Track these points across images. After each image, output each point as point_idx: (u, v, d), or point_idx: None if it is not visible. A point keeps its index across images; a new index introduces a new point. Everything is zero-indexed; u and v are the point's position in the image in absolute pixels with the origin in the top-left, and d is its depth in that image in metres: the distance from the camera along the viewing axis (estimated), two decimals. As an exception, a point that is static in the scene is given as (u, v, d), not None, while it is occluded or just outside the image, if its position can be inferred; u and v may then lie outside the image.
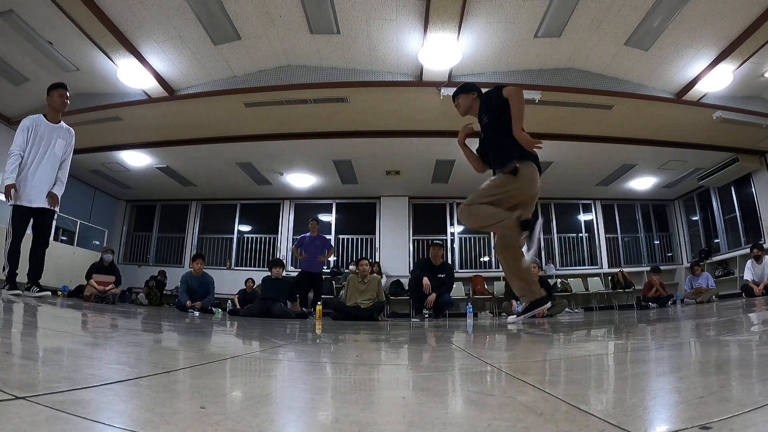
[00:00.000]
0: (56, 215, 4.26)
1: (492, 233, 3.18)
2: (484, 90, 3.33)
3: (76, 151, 4.34)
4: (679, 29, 5.12)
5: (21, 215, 3.84)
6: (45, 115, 4.02)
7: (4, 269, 3.87)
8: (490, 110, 3.11)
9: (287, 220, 10.62)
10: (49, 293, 4.01)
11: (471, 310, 6.51)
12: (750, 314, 3.30)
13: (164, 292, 8.99)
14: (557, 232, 10.69)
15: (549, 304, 3.25)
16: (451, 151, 8.05)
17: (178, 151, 8.01)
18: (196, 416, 0.59)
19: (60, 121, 4.08)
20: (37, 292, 3.90)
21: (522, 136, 2.85)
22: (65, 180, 4.11)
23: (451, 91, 5.89)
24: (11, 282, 3.83)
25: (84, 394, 0.67)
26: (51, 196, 3.95)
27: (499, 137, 3.05)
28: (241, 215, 10.90)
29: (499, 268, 10.06)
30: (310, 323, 4.51)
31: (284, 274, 6.96)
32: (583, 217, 10.92)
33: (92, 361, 1.07)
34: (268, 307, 5.91)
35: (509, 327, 3.16)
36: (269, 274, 6.64)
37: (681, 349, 1.54)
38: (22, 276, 3.94)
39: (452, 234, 10.59)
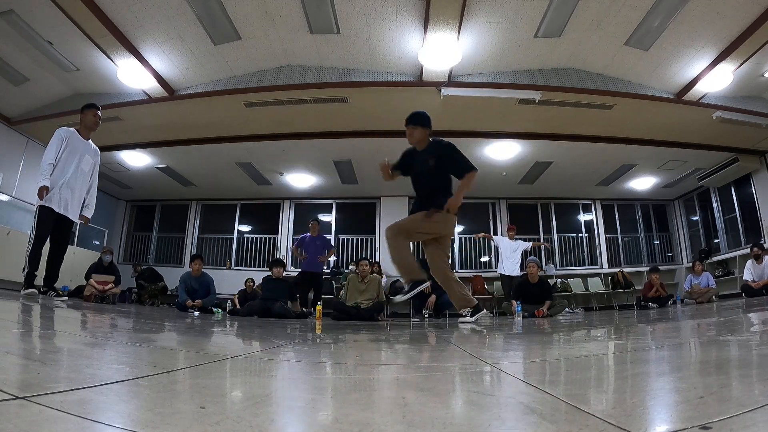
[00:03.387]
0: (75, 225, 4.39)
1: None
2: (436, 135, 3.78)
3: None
4: (679, 29, 5.12)
5: (48, 218, 3.91)
6: (77, 131, 4.18)
7: (24, 270, 3.92)
8: (440, 160, 3.49)
9: (287, 220, 10.62)
10: (35, 291, 3.97)
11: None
12: (750, 314, 3.30)
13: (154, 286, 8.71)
14: (557, 232, 10.69)
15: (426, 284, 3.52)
16: (451, 151, 8.05)
17: (178, 151, 8.01)
18: (196, 416, 0.59)
19: (89, 140, 4.26)
20: (54, 296, 4.03)
21: (459, 201, 3.36)
22: (94, 204, 4.35)
23: (451, 91, 5.95)
24: (29, 282, 3.89)
25: (84, 394, 0.66)
26: (83, 218, 4.25)
27: (437, 184, 3.51)
28: (241, 215, 10.89)
29: (499, 268, 10.09)
30: (310, 323, 4.52)
31: (284, 274, 6.96)
32: (583, 217, 10.92)
33: (92, 361, 1.07)
34: (269, 306, 5.92)
35: (397, 300, 3.58)
36: (270, 273, 6.64)
37: (681, 349, 1.54)
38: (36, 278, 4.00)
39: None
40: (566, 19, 5.09)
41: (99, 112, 4.27)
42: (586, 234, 10.75)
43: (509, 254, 8.04)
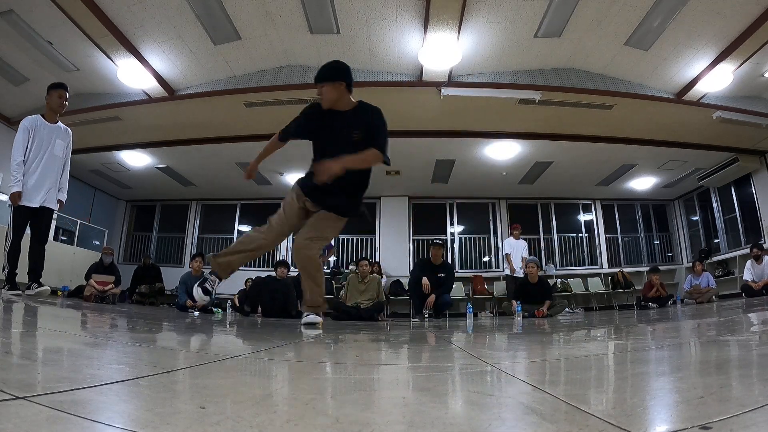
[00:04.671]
0: (54, 213, 4.26)
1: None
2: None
3: (76, 151, 4.36)
4: (679, 29, 5.12)
5: (22, 215, 3.84)
6: (43, 116, 4.00)
7: (3, 269, 3.86)
8: (368, 132, 2.65)
9: (287, 220, 10.60)
10: (48, 288, 3.97)
11: (471, 310, 6.51)
12: (750, 314, 3.30)
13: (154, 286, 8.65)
14: (557, 232, 10.69)
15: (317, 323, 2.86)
16: (452, 151, 8.06)
17: (178, 151, 8.01)
18: (196, 416, 0.59)
19: (58, 122, 4.07)
20: (36, 289, 3.85)
21: (340, 166, 2.51)
22: (67, 185, 4.16)
23: (451, 91, 5.94)
24: (11, 282, 3.83)
25: (84, 394, 0.66)
26: (58, 202, 4.05)
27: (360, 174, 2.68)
28: (241, 215, 10.89)
29: (499, 268, 10.09)
30: (310, 323, 4.50)
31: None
32: (583, 217, 10.92)
33: (92, 361, 1.07)
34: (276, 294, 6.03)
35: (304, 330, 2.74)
36: (273, 273, 6.65)
37: (681, 349, 1.54)
38: (21, 276, 3.95)
39: (452, 234, 10.60)
40: (566, 19, 5.09)
41: (66, 93, 4.01)
42: (586, 234, 10.75)
43: (518, 255, 8.02)
